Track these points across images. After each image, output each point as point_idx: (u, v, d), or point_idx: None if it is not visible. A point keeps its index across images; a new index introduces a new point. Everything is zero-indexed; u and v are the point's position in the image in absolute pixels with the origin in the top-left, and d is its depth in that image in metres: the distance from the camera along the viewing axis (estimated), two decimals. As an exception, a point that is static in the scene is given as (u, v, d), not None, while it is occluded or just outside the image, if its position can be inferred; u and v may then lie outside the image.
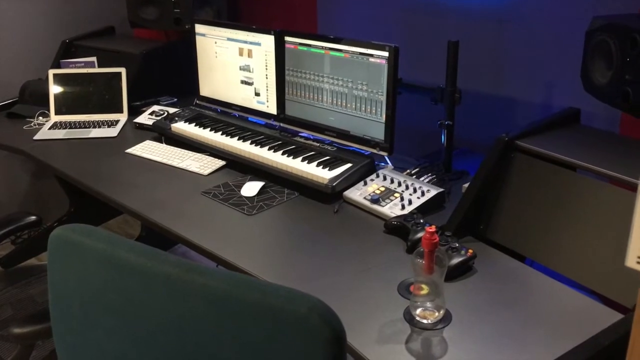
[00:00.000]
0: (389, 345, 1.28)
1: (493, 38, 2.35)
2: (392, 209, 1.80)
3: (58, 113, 2.72)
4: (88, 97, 2.74)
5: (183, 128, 2.40)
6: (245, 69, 2.39)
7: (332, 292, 1.46)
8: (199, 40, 2.54)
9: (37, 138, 2.53)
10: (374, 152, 2.04)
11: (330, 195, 1.92)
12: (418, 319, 1.32)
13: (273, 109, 2.33)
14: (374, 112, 2.01)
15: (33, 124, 2.68)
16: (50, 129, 2.61)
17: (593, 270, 1.45)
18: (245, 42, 2.35)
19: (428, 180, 1.96)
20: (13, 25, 3.10)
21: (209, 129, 2.35)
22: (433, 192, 1.85)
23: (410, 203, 1.81)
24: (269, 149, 2.15)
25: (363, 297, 1.44)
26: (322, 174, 1.96)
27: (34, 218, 2.07)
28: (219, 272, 0.92)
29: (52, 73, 2.73)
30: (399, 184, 1.91)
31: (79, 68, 2.81)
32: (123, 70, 2.73)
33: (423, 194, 1.84)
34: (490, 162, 1.66)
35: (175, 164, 2.22)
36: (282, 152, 2.12)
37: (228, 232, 1.77)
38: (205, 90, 2.59)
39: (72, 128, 2.62)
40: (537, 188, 1.61)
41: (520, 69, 2.31)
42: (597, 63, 1.70)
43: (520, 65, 2.30)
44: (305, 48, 2.15)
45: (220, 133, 2.31)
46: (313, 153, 2.10)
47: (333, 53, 2.08)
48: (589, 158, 1.54)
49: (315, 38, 2.13)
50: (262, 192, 1.99)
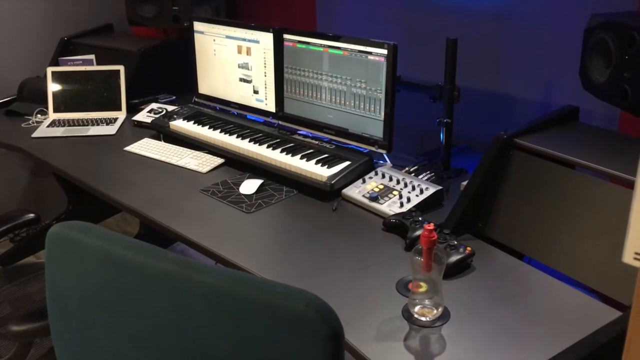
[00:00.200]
0: (387, 343, 1.28)
1: (492, 36, 2.35)
2: (390, 207, 1.80)
3: (56, 111, 2.72)
4: (86, 94, 2.74)
5: (181, 126, 2.40)
6: (244, 67, 2.38)
7: (330, 289, 1.46)
8: (198, 38, 2.54)
9: (35, 136, 2.52)
10: (373, 149, 2.04)
11: (329, 193, 1.92)
12: (416, 317, 1.32)
13: (272, 107, 2.33)
14: (373, 109, 2.01)
15: (31, 122, 2.68)
16: (49, 127, 2.61)
17: (591, 268, 1.45)
18: (244, 39, 2.35)
19: (427, 178, 1.96)
20: (11, 23, 3.09)
21: (208, 127, 2.35)
22: (432, 189, 1.85)
23: (409, 201, 1.81)
24: (268, 147, 2.15)
25: (361, 294, 1.44)
26: (320, 172, 1.96)
27: (32, 216, 2.07)
28: (217, 269, 0.92)
29: (50, 71, 2.72)
30: (398, 182, 1.91)
31: (78, 66, 2.80)
32: (121, 68, 2.73)
33: (422, 192, 1.84)
34: (489, 159, 1.66)
35: (174, 162, 2.22)
36: (280, 149, 2.12)
37: (227, 230, 1.77)
38: (204, 88, 2.59)
39: (70, 126, 2.62)
40: (535, 186, 1.61)
41: (519, 67, 2.31)
42: (595, 61, 1.69)
43: (519, 63, 2.30)
44: (304, 46, 2.15)
45: (219, 131, 2.31)
46: (312, 151, 2.10)
47: (332, 51, 2.08)
48: (588, 156, 1.54)
49: (314, 36, 2.13)
50: (260, 190, 1.99)
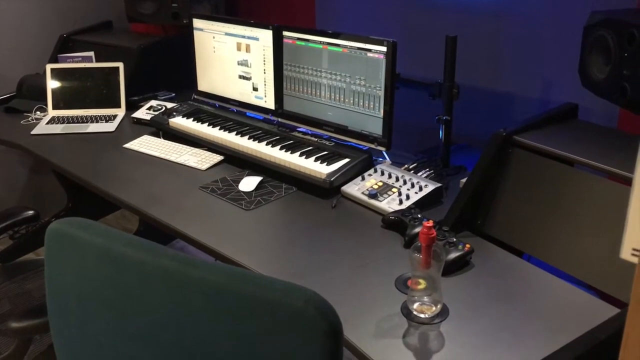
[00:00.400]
0: (386, 340, 1.28)
1: (491, 33, 2.35)
2: (389, 204, 1.80)
3: (56, 108, 2.72)
4: (86, 91, 2.74)
5: (181, 123, 2.40)
6: (243, 64, 2.38)
7: (329, 286, 1.46)
8: (197, 35, 2.53)
9: (34, 133, 2.52)
10: (372, 147, 2.04)
11: (328, 190, 1.92)
12: (415, 314, 1.32)
13: (271, 104, 2.33)
14: (372, 107, 2.01)
15: (30, 119, 2.68)
16: (48, 124, 2.61)
17: (590, 265, 1.45)
18: (243, 36, 2.34)
19: (426, 176, 1.96)
20: (10, 20, 3.09)
21: (207, 124, 2.35)
22: (431, 187, 1.85)
23: (408, 198, 1.81)
24: (267, 144, 2.15)
25: (361, 291, 1.44)
26: (320, 169, 1.96)
27: (32, 213, 2.07)
28: (216, 265, 0.92)
29: (49, 68, 2.72)
30: (397, 179, 1.91)
31: (77, 63, 2.80)
32: (121, 65, 2.73)
33: (421, 189, 1.84)
34: (488, 157, 1.66)
35: (173, 159, 2.22)
36: (280, 147, 2.12)
37: (226, 227, 1.77)
38: (203, 85, 2.58)
39: (69, 123, 2.62)
40: (534, 183, 1.61)
41: (518, 64, 2.31)
42: (595, 58, 1.69)
43: (518, 61, 2.30)
44: (303, 43, 2.15)
45: (218, 128, 2.31)
46: (311, 148, 2.10)
47: (331, 48, 2.08)
48: (587, 153, 1.54)
49: (314, 33, 2.12)
50: (260, 187, 1.99)
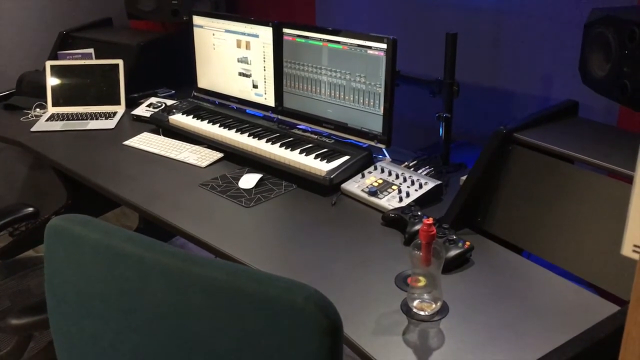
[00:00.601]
0: (386, 337, 1.28)
1: (491, 30, 2.35)
2: (389, 202, 1.80)
3: (55, 105, 2.71)
4: (85, 88, 2.73)
5: (181, 120, 2.40)
6: (243, 61, 2.38)
7: (329, 283, 1.46)
8: (197, 32, 2.53)
9: (34, 130, 2.52)
10: (372, 144, 2.04)
11: (328, 188, 1.92)
12: (415, 311, 1.32)
13: (271, 101, 2.33)
14: (372, 104, 2.01)
15: (30, 116, 2.68)
16: (48, 121, 2.60)
17: (590, 263, 1.45)
18: (243, 34, 2.34)
19: (426, 173, 1.96)
20: (10, 17, 3.08)
21: (207, 121, 2.35)
22: (431, 184, 1.85)
23: (408, 195, 1.81)
24: (267, 141, 2.14)
25: (360, 288, 1.44)
26: (320, 167, 1.95)
27: (32, 210, 2.07)
28: (216, 262, 0.92)
29: (49, 64, 2.72)
30: (397, 177, 1.90)
31: (77, 59, 2.80)
32: (120, 62, 2.72)
33: (421, 187, 1.84)
34: (488, 154, 1.66)
35: (173, 156, 2.22)
36: (280, 144, 2.11)
37: (226, 224, 1.77)
38: (203, 82, 2.58)
39: (69, 120, 2.62)
40: (534, 181, 1.61)
41: (519, 62, 2.30)
42: (595, 56, 1.69)
43: (519, 58, 2.30)
44: (303, 40, 2.15)
45: (218, 125, 2.31)
46: (311, 145, 2.10)
47: (331, 45, 2.07)
48: (587, 151, 1.54)
49: (314, 30, 2.12)
50: (259, 184, 1.99)
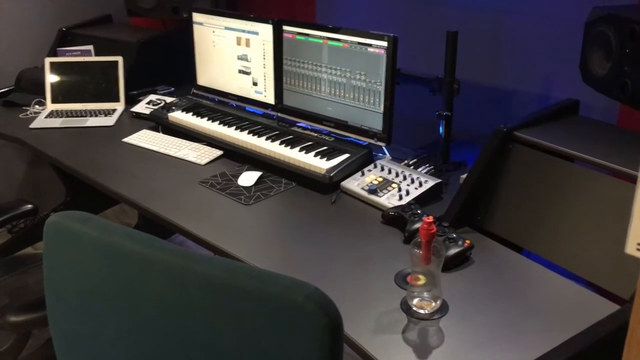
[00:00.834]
0: (386, 335, 1.28)
1: (492, 29, 2.34)
2: (389, 200, 1.80)
3: (54, 101, 2.71)
4: (85, 85, 2.73)
5: (180, 117, 2.39)
6: (243, 59, 2.37)
7: (328, 282, 1.46)
8: (197, 29, 2.52)
9: (33, 127, 2.51)
10: (372, 142, 2.04)
11: (328, 186, 1.92)
12: (415, 309, 1.32)
13: (271, 99, 2.32)
14: (372, 102, 2.01)
15: (29, 113, 2.67)
16: (47, 118, 2.60)
17: (590, 262, 1.45)
18: (243, 31, 2.34)
19: (426, 171, 1.96)
20: (9, 13, 3.08)
21: (207, 119, 2.34)
22: (431, 182, 1.84)
23: (408, 194, 1.80)
24: (267, 139, 2.14)
25: (360, 287, 1.44)
26: (319, 164, 1.95)
27: (30, 207, 2.06)
28: (216, 260, 0.92)
29: (48, 61, 2.71)
30: (397, 175, 1.90)
31: (76, 56, 2.79)
32: (120, 59, 2.72)
33: (421, 185, 1.84)
34: (488, 153, 1.66)
35: (173, 154, 2.22)
36: (279, 142, 2.11)
37: (225, 221, 1.77)
38: (203, 80, 2.58)
39: (68, 117, 2.61)
40: (534, 179, 1.61)
41: (519, 60, 2.30)
42: (596, 54, 1.69)
43: (519, 56, 2.30)
44: (304, 37, 2.14)
45: (218, 123, 2.31)
46: (311, 143, 2.09)
47: (331, 43, 2.07)
48: (587, 149, 1.54)
49: (314, 27, 2.12)
50: (259, 182, 1.98)
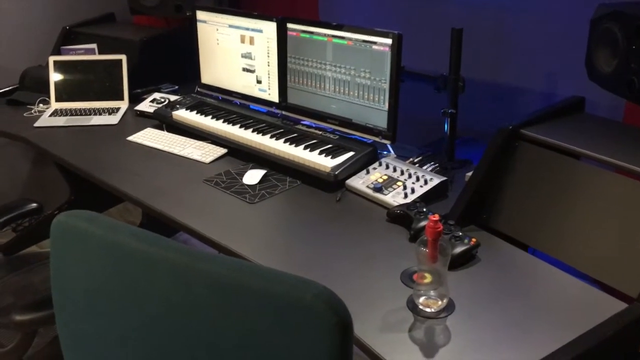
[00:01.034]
0: (392, 334, 1.28)
1: (497, 26, 2.33)
2: (394, 198, 1.79)
3: (58, 100, 2.71)
4: (89, 84, 2.73)
5: (184, 116, 2.39)
6: (247, 57, 2.37)
7: (334, 280, 1.45)
8: (200, 27, 2.52)
9: (37, 125, 2.52)
10: (377, 140, 2.03)
11: (333, 184, 1.91)
12: (421, 308, 1.32)
13: (275, 97, 2.32)
14: (377, 100, 2.00)
15: (33, 111, 2.67)
16: (51, 116, 2.60)
17: (597, 260, 1.44)
18: (247, 29, 2.33)
19: (431, 169, 1.95)
20: (13, 12, 3.08)
21: (211, 117, 2.34)
22: (436, 180, 1.84)
23: (413, 192, 1.80)
24: (271, 137, 2.14)
25: (366, 285, 1.44)
26: (324, 162, 1.95)
27: (35, 205, 2.07)
28: (223, 259, 0.91)
29: (52, 60, 2.71)
30: (402, 173, 1.90)
31: (80, 55, 2.79)
32: (124, 58, 2.72)
33: (426, 183, 1.83)
34: (494, 150, 1.66)
35: (177, 152, 2.22)
36: (284, 140, 2.11)
37: (230, 220, 1.76)
38: (207, 78, 2.57)
39: (72, 115, 2.61)
40: (540, 177, 1.60)
41: (525, 57, 2.29)
42: (602, 51, 1.68)
43: (525, 54, 2.29)
44: (308, 35, 2.14)
45: (222, 121, 2.30)
46: (315, 141, 2.09)
47: (336, 40, 2.06)
48: (593, 146, 1.53)
49: (318, 25, 2.11)
50: (264, 180, 1.98)
